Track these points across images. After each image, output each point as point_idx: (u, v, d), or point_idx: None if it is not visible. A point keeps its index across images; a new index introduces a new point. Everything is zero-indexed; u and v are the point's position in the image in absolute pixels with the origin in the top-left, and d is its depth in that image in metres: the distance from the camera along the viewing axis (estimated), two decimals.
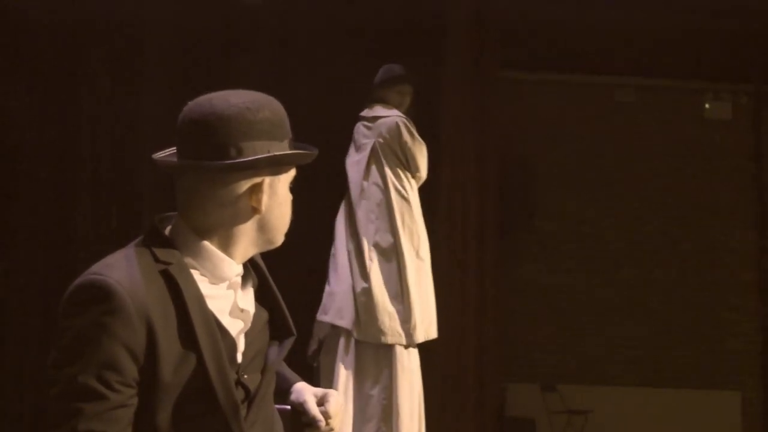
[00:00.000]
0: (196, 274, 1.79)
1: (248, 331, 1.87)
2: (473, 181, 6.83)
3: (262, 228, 1.85)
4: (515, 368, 8.10)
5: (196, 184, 1.79)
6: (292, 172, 1.89)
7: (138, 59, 6.79)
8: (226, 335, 1.80)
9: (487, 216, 6.90)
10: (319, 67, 7.01)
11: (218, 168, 1.76)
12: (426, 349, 5.09)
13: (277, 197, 1.85)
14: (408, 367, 4.79)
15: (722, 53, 7.99)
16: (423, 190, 5.09)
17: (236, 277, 1.86)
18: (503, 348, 7.41)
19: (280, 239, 1.90)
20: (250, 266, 1.93)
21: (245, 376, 1.84)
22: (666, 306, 8.34)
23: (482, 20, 6.95)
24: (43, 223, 6.54)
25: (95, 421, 1.63)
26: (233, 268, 1.84)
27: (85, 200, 6.68)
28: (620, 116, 8.46)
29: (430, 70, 6.78)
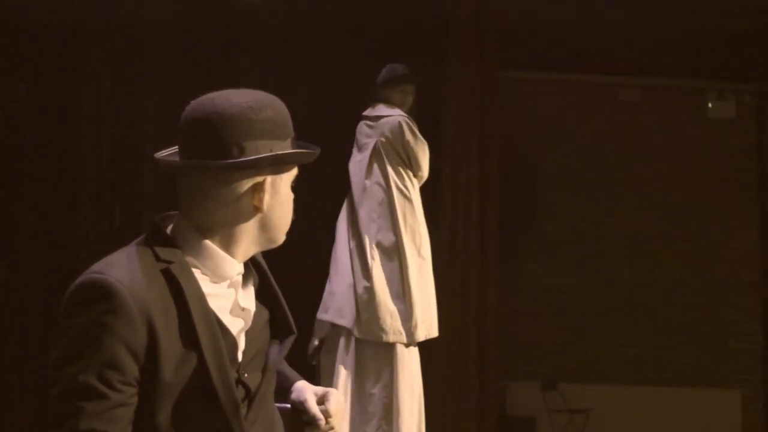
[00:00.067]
0: (197, 272, 1.79)
1: (249, 329, 1.87)
2: (474, 181, 6.84)
3: (264, 227, 1.85)
4: (516, 367, 8.10)
5: (199, 183, 1.79)
6: (294, 171, 1.88)
7: (138, 59, 6.80)
8: (226, 334, 1.80)
9: (487, 215, 6.91)
10: (319, 67, 7.01)
11: (220, 167, 1.76)
12: (427, 348, 5.10)
13: (279, 196, 1.84)
14: (409, 366, 4.79)
15: (725, 52, 7.97)
16: (424, 190, 5.10)
17: (237, 276, 1.86)
18: (504, 347, 7.41)
19: (281, 238, 1.90)
20: (251, 265, 1.92)
21: (246, 375, 1.83)
22: (666, 306, 8.33)
23: (483, 20, 6.95)
24: (44, 223, 6.55)
25: (96, 420, 1.63)
26: (235, 267, 1.84)
27: (85, 200, 6.69)
28: (622, 116, 8.44)
29: (431, 70, 6.79)
